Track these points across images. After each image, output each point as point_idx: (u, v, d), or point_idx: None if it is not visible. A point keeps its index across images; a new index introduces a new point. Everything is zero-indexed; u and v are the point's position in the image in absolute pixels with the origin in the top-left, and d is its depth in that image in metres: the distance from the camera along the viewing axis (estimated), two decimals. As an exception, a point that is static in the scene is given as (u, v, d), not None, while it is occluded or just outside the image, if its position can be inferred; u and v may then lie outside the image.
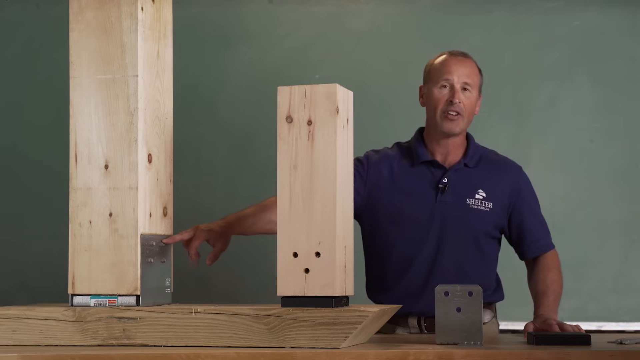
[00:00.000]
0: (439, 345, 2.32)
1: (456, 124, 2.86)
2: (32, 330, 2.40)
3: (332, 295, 2.30)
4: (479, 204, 2.87)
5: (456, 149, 2.92)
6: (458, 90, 2.84)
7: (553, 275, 2.86)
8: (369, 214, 2.93)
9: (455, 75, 2.85)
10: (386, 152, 2.99)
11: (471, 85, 2.86)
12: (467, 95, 2.86)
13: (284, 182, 2.35)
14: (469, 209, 2.87)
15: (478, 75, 2.90)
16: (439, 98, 2.86)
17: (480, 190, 2.89)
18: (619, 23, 3.94)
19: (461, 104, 2.84)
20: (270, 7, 4.03)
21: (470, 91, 2.86)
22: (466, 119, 2.87)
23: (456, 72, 2.86)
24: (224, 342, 2.30)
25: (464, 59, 2.89)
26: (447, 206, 2.87)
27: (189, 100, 3.87)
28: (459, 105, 2.84)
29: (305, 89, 2.35)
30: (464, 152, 2.93)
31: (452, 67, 2.86)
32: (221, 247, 2.74)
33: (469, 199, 2.87)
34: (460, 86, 2.85)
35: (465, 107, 2.85)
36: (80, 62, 2.50)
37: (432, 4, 3.99)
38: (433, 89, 2.87)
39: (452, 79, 2.85)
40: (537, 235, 2.92)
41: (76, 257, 2.47)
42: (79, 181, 2.48)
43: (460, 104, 2.84)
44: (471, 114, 2.89)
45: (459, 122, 2.86)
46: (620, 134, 3.92)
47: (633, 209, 3.89)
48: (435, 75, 2.88)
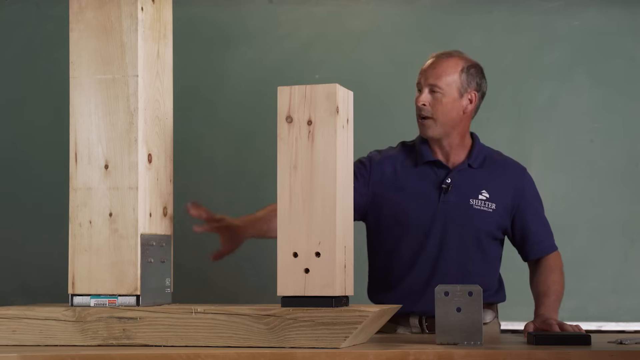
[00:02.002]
0: (439, 345, 2.32)
1: (427, 127, 2.85)
2: (32, 330, 2.40)
3: (332, 295, 2.30)
4: (482, 204, 2.87)
5: (456, 149, 2.92)
6: (424, 92, 2.84)
7: (555, 276, 2.86)
8: (374, 214, 2.94)
9: (423, 77, 2.86)
10: (389, 153, 2.99)
11: (439, 86, 2.83)
12: (437, 96, 2.83)
13: (284, 182, 2.35)
14: (472, 210, 2.86)
15: (455, 72, 2.84)
16: (415, 102, 2.87)
17: (483, 191, 2.88)
18: (619, 23, 3.94)
19: (427, 107, 2.83)
20: (270, 7, 4.03)
21: (440, 92, 2.83)
22: (440, 121, 2.84)
23: (424, 74, 2.86)
24: (224, 342, 2.30)
25: (439, 59, 2.87)
26: (450, 206, 2.87)
27: (189, 100, 3.87)
28: (424, 108, 2.83)
29: (305, 89, 2.35)
30: (468, 152, 2.93)
31: (423, 70, 2.87)
32: (229, 248, 2.77)
33: (472, 200, 2.87)
34: (428, 88, 2.84)
35: (434, 109, 2.83)
36: (80, 62, 2.50)
37: (432, 4, 3.99)
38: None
39: (422, 82, 2.86)
40: (541, 236, 2.92)
41: (76, 257, 2.47)
42: (79, 181, 2.48)
43: (425, 106, 2.83)
44: (447, 115, 2.84)
45: (430, 125, 2.84)
46: (620, 134, 3.92)
47: (633, 209, 3.89)
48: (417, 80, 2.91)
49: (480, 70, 2.91)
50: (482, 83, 2.91)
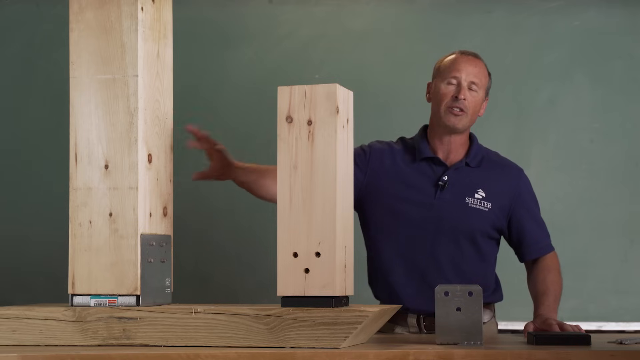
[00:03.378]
0: (439, 345, 2.32)
1: (459, 119, 2.87)
2: (32, 330, 2.40)
3: (332, 295, 2.30)
4: (478, 203, 2.88)
5: (458, 147, 2.93)
6: (464, 87, 2.86)
7: (553, 276, 2.87)
8: (367, 204, 2.93)
9: (463, 73, 2.87)
10: (391, 145, 3.00)
11: (478, 85, 2.88)
12: (473, 94, 2.88)
13: (284, 182, 2.35)
14: (468, 208, 2.87)
15: (486, 77, 2.92)
16: (445, 93, 2.88)
17: (480, 190, 2.89)
18: (619, 23, 3.94)
19: (466, 101, 2.86)
20: (270, 7, 4.03)
21: (476, 91, 2.88)
22: (469, 117, 2.88)
23: (464, 70, 2.88)
24: (224, 342, 2.30)
25: (474, 59, 2.92)
26: (445, 204, 2.87)
27: (189, 100, 3.87)
28: (463, 102, 2.85)
29: (305, 89, 2.35)
30: (466, 151, 2.94)
31: (461, 65, 2.88)
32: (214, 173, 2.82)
33: (467, 198, 2.88)
34: (467, 84, 2.87)
35: (469, 105, 2.87)
36: (80, 62, 2.50)
37: (432, 4, 3.99)
38: (440, 84, 2.89)
39: (460, 76, 2.87)
40: (537, 237, 2.92)
41: (76, 257, 2.47)
42: (79, 181, 2.48)
43: (464, 100, 2.85)
44: (475, 114, 2.90)
45: (462, 118, 2.87)
46: (620, 134, 3.92)
47: (633, 209, 3.89)
48: (444, 71, 2.90)
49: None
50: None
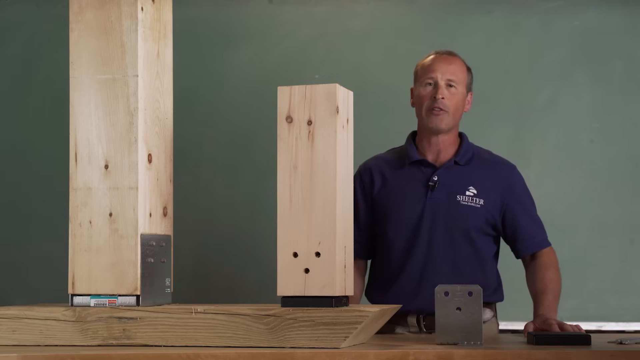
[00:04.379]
0: (439, 345, 2.32)
1: (441, 119, 2.88)
2: (32, 330, 2.40)
3: (332, 295, 2.30)
4: (470, 200, 2.89)
5: (447, 147, 2.94)
6: (441, 86, 2.88)
7: (551, 274, 2.87)
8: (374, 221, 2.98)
9: (438, 72, 2.89)
10: (378, 157, 3.04)
11: (455, 82, 2.89)
12: (452, 91, 2.89)
13: (284, 182, 2.35)
14: (460, 205, 2.88)
15: (464, 72, 2.93)
16: (424, 95, 2.90)
17: (471, 187, 2.90)
18: (619, 23, 3.94)
19: (445, 100, 2.87)
20: (270, 7, 4.03)
21: (455, 87, 2.89)
22: (452, 116, 2.89)
23: (439, 69, 2.90)
24: (224, 342, 2.30)
25: (448, 56, 2.94)
26: (437, 203, 2.89)
27: (189, 100, 3.87)
28: (442, 102, 2.87)
29: (305, 89, 2.35)
30: (455, 150, 2.95)
31: (435, 65, 2.91)
32: None
33: (459, 196, 2.89)
34: (444, 83, 2.89)
35: (449, 104, 2.88)
36: (80, 62, 2.50)
37: (432, 4, 3.99)
38: (419, 88, 2.93)
39: (436, 77, 2.89)
40: (531, 232, 2.93)
41: (76, 257, 2.47)
42: (79, 181, 2.48)
43: (443, 99, 2.87)
44: (457, 111, 2.91)
45: (443, 118, 2.88)
46: (620, 134, 3.92)
47: (633, 209, 3.89)
48: (421, 74, 2.94)
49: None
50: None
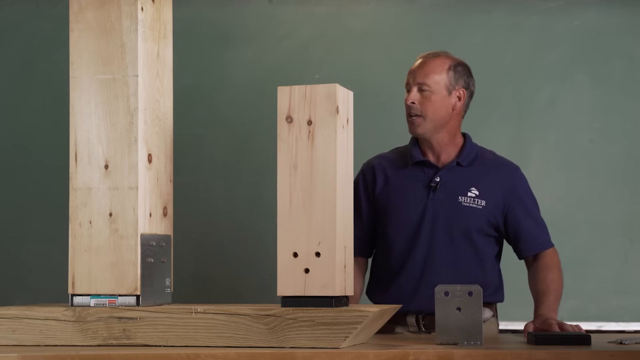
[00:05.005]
0: (439, 345, 2.32)
1: (417, 125, 2.88)
2: (32, 330, 2.40)
3: (332, 295, 2.30)
4: (472, 201, 2.88)
5: (445, 148, 2.93)
6: (413, 91, 2.88)
7: (553, 274, 2.87)
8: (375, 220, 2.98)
9: (411, 76, 2.90)
10: (382, 156, 3.03)
11: (428, 84, 2.86)
12: (425, 95, 2.87)
13: (284, 182, 2.35)
14: (461, 207, 2.88)
15: (443, 71, 2.88)
16: (405, 102, 2.90)
17: (473, 188, 2.90)
18: (619, 23, 3.94)
19: (416, 105, 2.86)
20: (270, 7, 4.03)
21: (428, 90, 2.86)
22: (429, 119, 2.87)
23: (412, 74, 2.90)
24: (224, 342, 2.30)
25: (426, 59, 2.91)
26: (438, 204, 2.88)
27: (189, 100, 3.87)
28: (413, 106, 2.87)
29: (305, 89, 2.35)
30: (458, 151, 2.94)
31: (412, 70, 2.92)
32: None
33: (461, 197, 2.88)
34: (417, 87, 2.88)
35: (424, 107, 2.86)
36: (80, 62, 2.50)
37: (432, 4, 3.99)
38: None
39: (410, 82, 2.90)
40: (534, 233, 2.92)
41: (76, 257, 2.47)
42: (79, 181, 2.48)
43: (413, 104, 2.87)
44: (437, 112, 2.87)
45: (419, 123, 2.88)
46: (620, 134, 3.92)
47: (633, 209, 3.89)
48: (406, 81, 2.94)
49: (468, 69, 2.95)
50: (469, 81, 2.94)
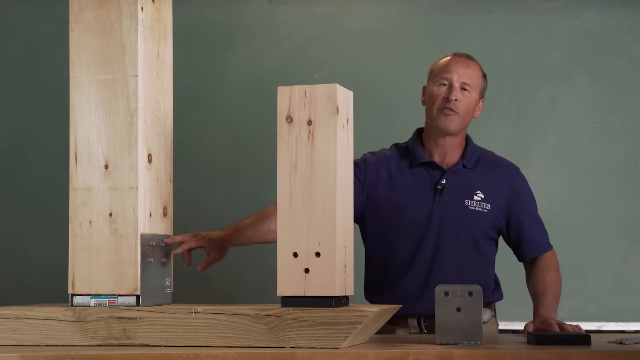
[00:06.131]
0: (439, 345, 2.32)
1: (450, 120, 2.86)
2: (32, 330, 2.40)
3: (332, 295, 2.30)
4: (477, 205, 2.88)
5: (454, 149, 2.92)
6: (456, 88, 2.86)
7: (552, 275, 2.87)
8: (369, 217, 2.94)
9: (454, 74, 2.87)
10: (384, 154, 2.99)
11: (470, 86, 2.87)
12: (466, 95, 2.87)
13: (284, 182, 2.35)
14: (468, 211, 2.87)
15: (480, 78, 2.91)
16: (437, 95, 2.87)
17: (478, 192, 2.89)
18: (619, 23, 3.94)
19: (457, 102, 2.85)
20: (270, 7, 4.03)
21: (469, 92, 2.87)
22: (462, 118, 2.87)
23: (456, 71, 2.87)
24: (224, 342, 2.30)
25: (466, 60, 2.91)
26: (445, 207, 2.87)
27: (189, 100, 3.87)
28: (454, 103, 2.85)
29: (305, 89, 2.35)
30: (462, 153, 2.94)
31: (452, 67, 2.88)
32: (215, 256, 2.77)
33: (467, 201, 2.88)
34: (459, 85, 2.86)
35: (461, 106, 2.86)
36: (80, 62, 2.50)
37: (432, 4, 3.99)
38: (433, 86, 2.89)
39: (452, 78, 2.87)
40: (536, 236, 2.92)
41: (76, 257, 2.47)
42: (79, 181, 2.48)
43: (456, 101, 2.85)
44: (468, 115, 2.89)
45: (453, 119, 2.86)
46: (620, 134, 3.92)
47: (633, 209, 3.89)
48: (437, 74, 2.90)
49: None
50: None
